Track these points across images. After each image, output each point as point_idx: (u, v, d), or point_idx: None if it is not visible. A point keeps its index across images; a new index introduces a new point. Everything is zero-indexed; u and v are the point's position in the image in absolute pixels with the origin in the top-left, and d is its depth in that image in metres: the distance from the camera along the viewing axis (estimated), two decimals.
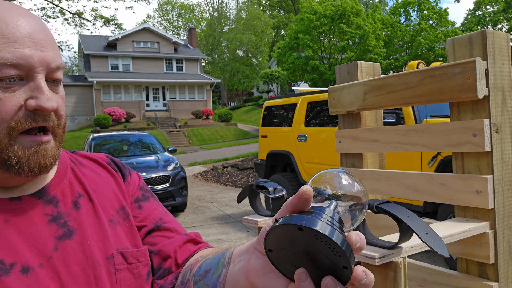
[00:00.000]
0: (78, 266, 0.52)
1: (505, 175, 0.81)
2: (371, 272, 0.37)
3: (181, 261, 0.62)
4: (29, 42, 0.48)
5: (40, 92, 0.49)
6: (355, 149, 1.08)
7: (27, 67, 0.48)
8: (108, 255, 0.55)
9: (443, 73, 0.82)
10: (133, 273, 0.57)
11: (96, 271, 0.53)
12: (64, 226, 0.54)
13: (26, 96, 0.49)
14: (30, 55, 0.48)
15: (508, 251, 0.81)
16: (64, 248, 0.52)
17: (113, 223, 0.59)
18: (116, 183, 0.64)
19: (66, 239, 0.53)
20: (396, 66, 20.12)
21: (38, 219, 0.52)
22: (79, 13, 12.87)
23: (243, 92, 37.87)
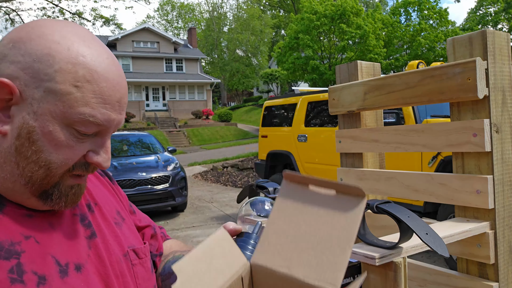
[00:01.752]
0: (108, 263, 0.57)
1: (505, 175, 0.81)
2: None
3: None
4: (118, 107, 0.51)
5: (104, 151, 0.53)
6: (355, 149, 1.08)
7: (106, 128, 0.51)
8: (124, 252, 0.60)
9: (443, 73, 0.82)
10: (144, 267, 0.63)
11: (119, 266, 0.58)
12: (89, 227, 0.58)
13: (90, 147, 0.52)
14: (113, 119, 0.51)
15: (508, 251, 0.81)
16: (95, 247, 0.56)
17: (118, 224, 0.64)
18: (106, 188, 0.69)
19: (94, 238, 0.57)
20: (396, 66, 20.11)
21: (72, 220, 0.56)
22: (79, 13, 12.86)
23: (243, 92, 37.87)
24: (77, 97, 0.47)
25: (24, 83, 0.46)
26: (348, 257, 0.37)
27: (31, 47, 0.47)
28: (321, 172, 4.64)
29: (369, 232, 0.67)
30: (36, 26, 0.49)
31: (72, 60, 0.47)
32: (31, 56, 0.46)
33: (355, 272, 0.69)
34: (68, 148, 0.49)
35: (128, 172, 5.71)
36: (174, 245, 0.77)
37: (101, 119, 0.49)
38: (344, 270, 0.37)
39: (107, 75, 0.49)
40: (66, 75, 0.47)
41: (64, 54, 0.47)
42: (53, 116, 0.47)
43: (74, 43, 0.48)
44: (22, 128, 0.47)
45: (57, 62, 0.47)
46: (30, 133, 0.47)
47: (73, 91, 0.47)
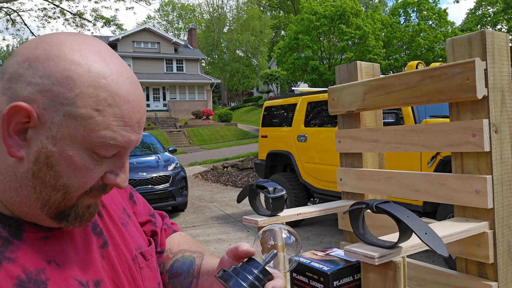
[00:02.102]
0: (120, 270, 0.57)
1: (504, 175, 0.82)
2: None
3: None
4: (137, 127, 0.50)
5: (122, 171, 0.51)
6: (354, 149, 1.08)
7: (125, 148, 0.50)
8: (133, 256, 0.60)
9: (443, 74, 0.82)
10: (150, 268, 0.63)
11: (131, 271, 0.59)
12: (101, 235, 0.58)
13: (108, 168, 0.50)
14: (133, 140, 0.49)
15: (507, 251, 0.81)
16: (108, 256, 0.56)
17: (125, 225, 0.63)
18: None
19: (107, 247, 0.57)
20: (395, 67, 20.11)
21: (84, 231, 0.56)
22: (79, 14, 12.87)
23: (243, 92, 37.86)
24: (98, 121, 0.46)
25: (42, 106, 0.44)
26: None
27: (50, 68, 0.44)
28: (321, 172, 4.64)
29: (369, 232, 0.68)
30: (54, 43, 0.46)
31: (94, 83, 0.45)
32: (50, 78, 0.44)
33: (355, 272, 0.69)
34: (87, 171, 0.48)
35: None
36: (183, 241, 0.76)
37: (122, 141, 0.48)
38: None
39: (128, 97, 0.48)
40: (88, 99, 0.45)
41: (85, 77, 0.45)
42: (73, 141, 0.46)
43: (95, 64, 0.46)
44: (40, 153, 0.46)
45: (78, 86, 0.45)
46: (49, 158, 0.46)
47: (95, 115, 0.45)
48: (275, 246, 0.55)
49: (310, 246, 4.29)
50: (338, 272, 0.67)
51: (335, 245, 4.23)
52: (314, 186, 4.76)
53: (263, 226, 0.88)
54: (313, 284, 0.69)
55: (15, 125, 0.45)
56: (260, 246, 0.56)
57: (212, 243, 4.53)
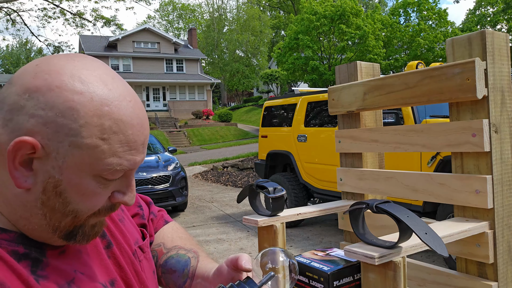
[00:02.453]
0: (126, 266, 0.60)
1: (504, 175, 0.82)
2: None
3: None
4: (142, 148, 0.50)
5: (129, 189, 0.52)
6: (354, 149, 1.08)
7: (131, 170, 0.50)
8: (133, 251, 0.63)
9: (443, 74, 0.82)
10: (147, 259, 0.66)
11: (134, 266, 0.61)
12: (104, 237, 0.60)
13: (115, 188, 0.51)
14: (138, 162, 0.50)
15: (507, 251, 0.81)
16: (113, 256, 0.59)
17: (121, 221, 0.66)
18: None
19: (111, 247, 0.60)
20: (395, 67, 20.11)
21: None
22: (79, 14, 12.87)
23: (243, 92, 37.86)
24: (104, 149, 0.46)
25: (47, 137, 0.44)
26: None
27: (52, 99, 0.44)
28: (321, 172, 4.64)
29: (369, 232, 0.68)
30: (53, 72, 0.46)
31: (98, 112, 0.45)
32: (53, 110, 0.44)
33: (355, 272, 0.69)
34: (94, 196, 0.49)
35: None
36: (176, 236, 0.78)
37: (128, 165, 0.48)
38: None
39: (132, 121, 0.48)
40: (92, 129, 0.45)
41: (88, 107, 0.45)
42: (80, 169, 0.46)
43: (97, 91, 0.46)
44: (48, 183, 0.46)
45: (82, 117, 0.44)
46: (57, 186, 0.46)
47: (100, 144, 0.45)
48: (273, 269, 0.58)
49: (310, 246, 4.28)
50: (338, 272, 0.67)
51: (335, 245, 4.23)
52: (314, 186, 4.76)
53: (263, 226, 0.88)
54: (313, 284, 0.69)
55: (20, 157, 0.45)
56: (259, 266, 0.59)
57: (212, 243, 4.53)
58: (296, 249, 4.21)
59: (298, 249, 4.19)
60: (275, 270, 0.58)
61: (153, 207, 0.80)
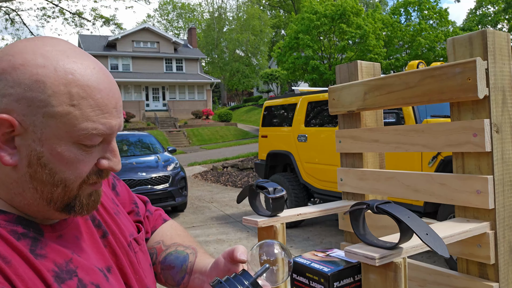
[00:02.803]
0: (121, 256, 0.62)
1: (505, 175, 0.81)
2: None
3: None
4: (115, 112, 0.53)
5: (113, 155, 0.55)
6: (355, 149, 1.08)
7: (110, 135, 0.53)
8: (128, 242, 0.65)
9: (443, 73, 0.82)
10: (143, 252, 0.68)
11: (129, 256, 0.63)
12: (100, 227, 0.62)
13: (99, 155, 0.53)
14: (115, 125, 0.52)
15: (508, 252, 0.81)
16: (109, 245, 0.61)
17: (117, 214, 0.67)
18: None
19: (107, 236, 0.62)
20: (396, 66, 20.11)
21: (86, 225, 0.60)
22: (79, 13, 12.86)
23: (243, 92, 37.87)
24: (77, 115, 0.48)
25: (21, 113, 0.47)
26: None
27: (18, 77, 0.47)
28: (321, 172, 4.64)
29: (369, 233, 0.67)
30: (16, 53, 0.48)
31: (63, 81, 0.47)
32: (21, 86, 0.46)
33: (356, 273, 0.69)
34: (79, 162, 0.51)
35: (128, 172, 5.72)
36: (175, 234, 0.80)
37: (103, 128, 0.50)
38: None
39: (99, 86, 0.50)
40: (61, 97, 0.47)
41: (53, 77, 0.47)
42: (58, 138, 0.48)
43: (59, 62, 0.48)
44: (31, 156, 0.48)
45: (49, 87, 0.47)
46: (40, 158, 0.49)
47: (71, 110, 0.48)
48: (268, 261, 0.59)
49: (311, 246, 4.28)
50: (339, 273, 0.67)
51: (336, 245, 4.23)
52: (314, 186, 4.76)
53: (263, 226, 0.88)
54: (313, 285, 0.69)
55: (1, 136, 0.48)
56: (254, 259, 0.60)
57: (212, 243, 4.52)
58: (296, 249, 4.20)
59: (298, 250, 4.19)
60: (270, 262, 0.59)
61: (150, 205, 0.83)
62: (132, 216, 0.75)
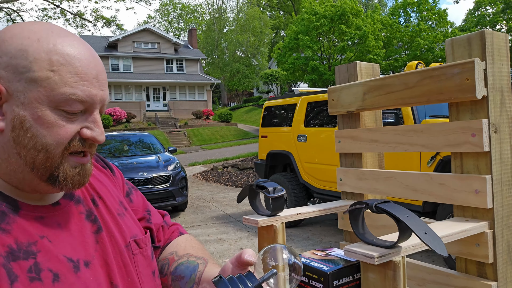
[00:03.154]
0: (112, 255, 0.61)
1: (503, 175, 0.82)
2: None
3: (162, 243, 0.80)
4: (96, 82, 0.55)
5: (96, 125, 0.56)
6: (354, 149, 1.08)
7: (91, 104, 0.55)
8: (127, 243, 0.65)
9: (442, 74, 0.82)
10: (144, 255, 0.67)
11: (123, 257, 0.63)
12: (96, 222, 0.62)
13: (82, 125, 0.55)
14: (95, 94, 0.55)
15: (506, 251, 0.81)
16: (101, 241, 0.61)
17: (121, 216, 0.68)
18: (108, 179, 0.73)
19: (100, 232, 0.61)
20: (395, 67, 20.11)
21: (78, 218, 0.60)
22: (80, 14, 12.88)
23: (243, 92, 37.86)
24: (56, 80, 0.51)
25: (7, 80, 0.51)
26: None
27: (5, 48, 0.51)
28: (320, 172, 4.64)
29: (368, 232, 0.68)
30: (7, 30, 0.54)
31: (45, 49, 0.52)
32: (7, 55, 0.51)
33: (355, 271, 0.69)
34: (59, 127, 0.53)
35: (129, 172, 5.72)
36: (189, 246, 0.78)
37: (83, 95, 0.53)
38: None
39: (79, 56, 0.54)
40: (41, 63, 0.51)
41: (35, 46, 0.52)
42: (39, 102, 0.51)
43: (43, 35, 0.53)
44: (15, 120, 0.52)
45: (31, 55, 0.51)
46: (22, 122, 0.52)
47: (51, 75, 0.51)
48: (276, 266, 0.57)
49: (310, 246, 4.29)
50: (338, 272, 0.67)
51: (335, 245, 4.23)
52: (314, 186, 4.76)
53: (263, 226, 0.88)
54: (313, 284, 0.69)
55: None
56: (261, 263, 0.57)
57: (212, 243, 4.53)
58: (296, 249, 4.21)
59: (298, 249, 4.19)
60: (278, 267, 0.56)
61: (168, 218, 0.84)
62: (142, 222, 0.75)
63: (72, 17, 12.80)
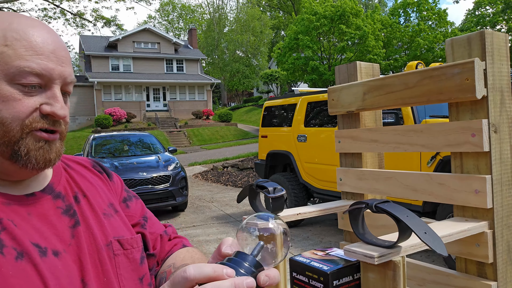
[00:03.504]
0: (88, 251, 0.59)
1: (503, 175, 0.82)
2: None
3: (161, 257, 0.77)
4: (53, 57, 0.55)
5: (55, 100, 0.56)
6: (354, 149, 1.08)
7: (48, 78, 0.55)
8: (108, 242, 0.63)
9: (442, 74, 0.82)
10: (128, 258, 0.65)
11: (100, 255, 0.61)
12: (74, 216, 0.61)
13: (42, 101, 0.55)
14: (52, 68, 0.55)
15: (506, 251, 0.82)
16: (78, 236, 0.59)
17: (107, 216, 0.66)
18: (103, 182, 0.73)
19: (77, 226, 0.60)
20: (395, 67, 20.12)
21: (53, 212, 0.59)
22: (80, 14, 12.88)
23: (243, 92, 37.87)
24: (10, 54, 0.52)
25: None
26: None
27: None
28: (320, 172, 4.64)
29: (368, 232, 0.68)
30: None
31: (2, 27, 0.53)
32: None
33: (355, 271, 0.69)
34: (15, 101, 0.53)
35: (129, 172, 5.72)
36: (188, 256, 0.75)
37: (38, 68, 0.53)
38: None
39: (34, 31, 0.54)
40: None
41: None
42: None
43: (6, 16, 0.55)
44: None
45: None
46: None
47: (5, 50, 0.52)
48: (262, 237, 0.51)
49: (310, 245, 4.29)
50: (338, 272, 0.67)
51: (335, 244, 4.23)
52: (314, 186, 4.76)
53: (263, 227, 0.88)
54: (313, 284, 0.69)
55: None
56: (245, 238, 0.52)
57: (212, 243, 4.53)
58: (296, 248, 4.21)
59: (298, 249, 4.19)
60: (264, 238, 0.51)
61: (170, 229, 0.81)
62: (136, 228, 0.73)
63: (72, 17, 12.81)
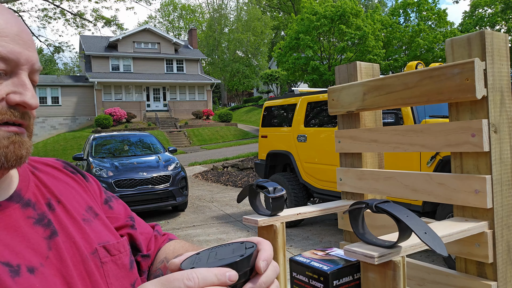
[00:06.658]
0: (71, 262, 0.54)
1: (503, 175, 0.82)
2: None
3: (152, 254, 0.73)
4: (20, 40, 0.51)
5: (24, 88, 0.50)
6: (354, 149, 1.08)
7: (15, 63, 0.50)
8: (93, 250, 0.57)
9: (442, 74, 0.82)
10: (117, 264, 0.60)
11: (86, 265, 0.55)
12: (49, 226, 0.55)
13: (8, 90, 0.50)
14: (19, 52, 0.50)
15: (506, 251, 0.82)
16: (56, 247, 0.53)
17: (86, 221, 0.61)
18: (78, 184, 0.66)
19: (55, 237, 0.54)
20: (395, 67, 20.13)
21: (24, 222, 0.53)
22: (80, 14, 12.89)
23: (243, 92, 37.87)
24: None
25: None
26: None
27: None
28: (320, 172, 4.64)
29: (368, 232, 0.68)
30: None
31: None
32: None
33: (355, 271, 0.69)
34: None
35: (129, 172, 5.72)
36: (178, 247, 0.74)
37: (4, 51, 0.49)
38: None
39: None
40: None
41: None
42: None
43: None
44: None
45: None
46: None
47: None
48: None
49: (310, 245, 4.29)
50: (338, 272, 0.67)
51: (335, 244, 4.23)
52: (314, 186, 4.76)
53: (263, 226, 0.88)
54: (313, 284, 0.69)
55: None
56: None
57: (212, 243, 4.53)
58: (296, 248, 4.21)
59: (298, 249, 4.19)
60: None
61: (159, 228, 0.79)
62: (125, 229, 0.69)
63: (72, 17, 12.81)
